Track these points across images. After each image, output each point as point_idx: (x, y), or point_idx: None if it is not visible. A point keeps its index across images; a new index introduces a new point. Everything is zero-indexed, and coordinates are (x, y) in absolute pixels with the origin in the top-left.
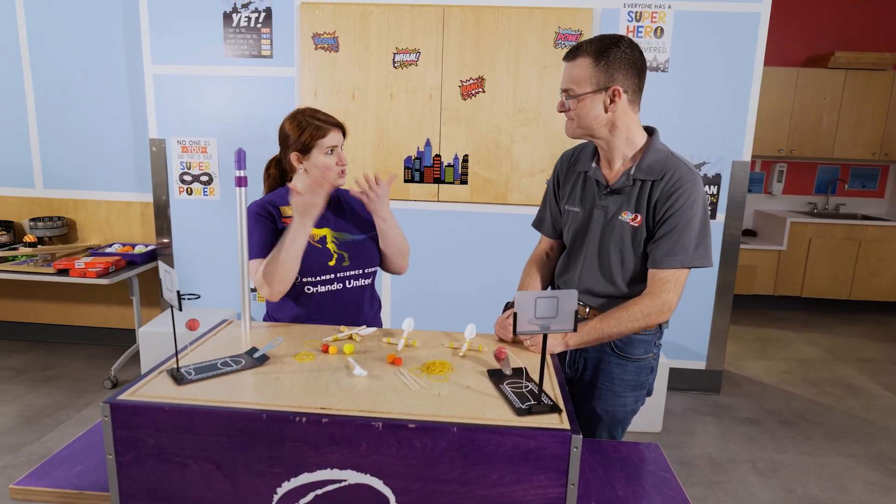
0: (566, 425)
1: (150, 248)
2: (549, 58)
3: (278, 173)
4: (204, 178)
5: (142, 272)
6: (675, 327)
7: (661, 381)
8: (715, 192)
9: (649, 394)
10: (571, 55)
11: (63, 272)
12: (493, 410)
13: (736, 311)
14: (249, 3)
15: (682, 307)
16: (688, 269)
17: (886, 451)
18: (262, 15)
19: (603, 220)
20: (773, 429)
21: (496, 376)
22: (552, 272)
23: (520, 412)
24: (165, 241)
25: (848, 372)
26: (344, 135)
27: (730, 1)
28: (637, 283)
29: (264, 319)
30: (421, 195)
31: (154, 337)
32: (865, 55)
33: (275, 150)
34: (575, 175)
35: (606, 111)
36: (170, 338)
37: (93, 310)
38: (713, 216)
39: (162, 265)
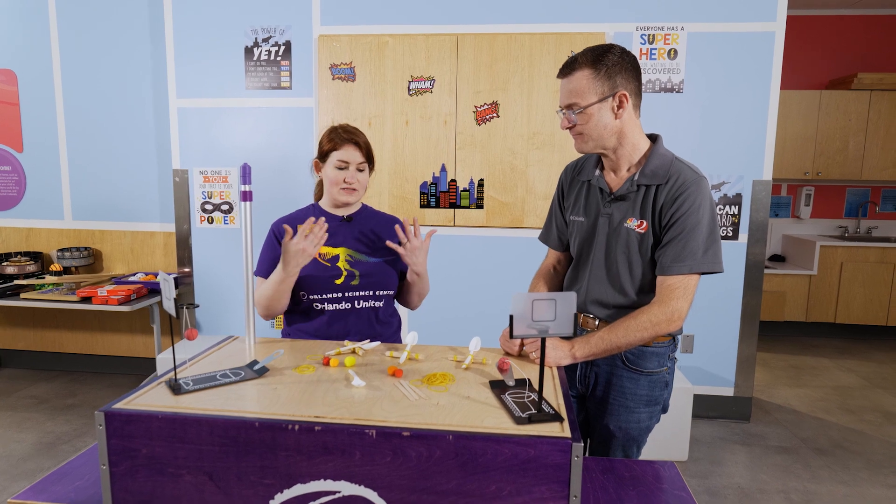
0: (567, 434)
1: (171, 276)
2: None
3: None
4: (224, 207)
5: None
6: (701, 353)
7: (685, 407)
8: (736, 213)
9: (665, 410)
10: (567, 70)
11: (86, 300)
12: (492, 419)
13: (767, 338)
14: (270, 37)
15: (707, 333)
16: (697, 276)
17: None
18: (282, 48)
19: (608, 228)
20: (807, 458)
21: (498, 387)
22: (560, 286)
23: (519, 421)
24: (187, 269)
25: (888, 399)
26: (367, 156)
27: (743, 21)
28: (647, 293)
29: (282, 333)
30: (437, 220)
31: (171, 364)
32: (890, 75)
33: (293, 177)
34: (579, 185)
35: (616, 118)
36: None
37: (117, 339)
38: (734, 237)
39: (161, 274)
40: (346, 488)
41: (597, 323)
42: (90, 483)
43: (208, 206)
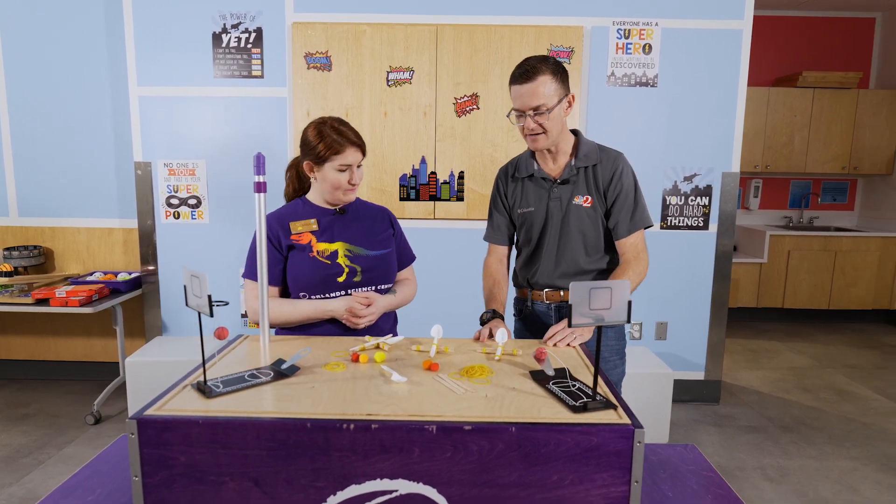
0: (626, 420)
1: (134, 275)
2: None
3: (297, 175)
4: (192, 202)
5: (126, 300)
6: (673, 340)
7: (666, 392)
8: (707, 203)
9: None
10: (531, 75)
11: (42, 302)
12: (547, 409)
13: None
14: (239, 23)
15: (679, 320)
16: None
17: (888, 451)
18: (253, 35)
19: (561, 209)
20: (776, 435)
21: (539, 377)
22: (506, 272)
23: (575, 409)
24: (151, 267)
25: (838, 378)
26: (364, 154)
27: (713, 18)
28: (599, 257)
29: (276, 332)
30: (417, 213)
31: (142, 367)
32: (831, 74)
33: (268, 170)
34: (517, 182)
35: (565, 116)
36: (159, 368)
37: (72, 343)
38: (705, 227)
39: (187, 270)
40: (404, 486)
41: (561, 294)
42: (104, 497)
43: (174, 201)
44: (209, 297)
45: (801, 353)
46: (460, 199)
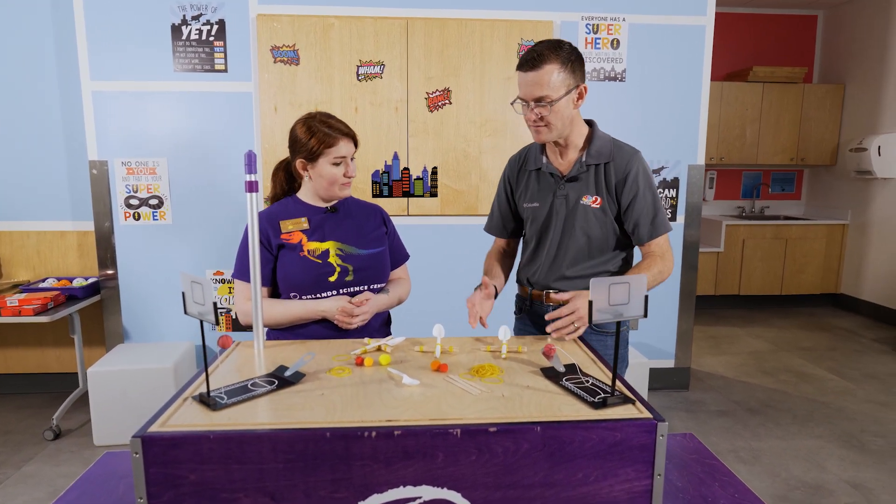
0: (647, 414)
1: (91, 280)
2: (512, 69)
3: (285, 177)
4: (153, 202)
5: (83, 307)
6: (644, 329)
7: (643, 381)
8: (674, 196)
9: (626, 365)
10: (535, 64)
11: None
12: (568, 407)
13: None
14: (200, 14)
15: (649, 309)
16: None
17: (847, 429)
18: (215, 27)
19: (566, 208)
20: (744, 418)
21: (551, 374)
22: (510, 262)
23: (595, 405)
24: (110, 272)
25: (795, 360)
26: (356, 145)
27: (677, 14)
28: (603, 258)
29: (268, 335)
30: (390, 210)
31: (105, 378)
32: (779, 69)
33: (233, 167)
34: (527, 174)
35: (574, 108)
36: (124, 378)
37: (23, 354)
38: (673, 219)
39: (186, 276)
40: (428, 493)
41: (557, 294)
42: None
43: (134, 201)
44: (214, 304)
45: (759, 338)
46: (434, 195)
